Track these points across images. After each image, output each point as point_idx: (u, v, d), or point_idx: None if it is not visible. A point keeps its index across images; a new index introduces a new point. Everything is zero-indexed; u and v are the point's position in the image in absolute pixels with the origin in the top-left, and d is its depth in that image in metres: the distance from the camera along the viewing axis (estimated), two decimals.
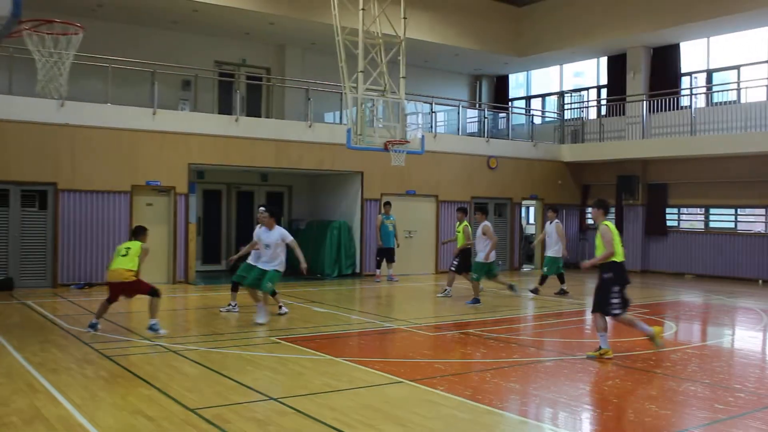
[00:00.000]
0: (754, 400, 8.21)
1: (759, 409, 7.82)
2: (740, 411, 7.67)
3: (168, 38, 22.70)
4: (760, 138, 21.26)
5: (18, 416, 7.01)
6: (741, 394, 8.37)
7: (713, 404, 7.96)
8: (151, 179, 18.61)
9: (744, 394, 8.41)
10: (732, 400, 8.10)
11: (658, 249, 24.88)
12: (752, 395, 8.39)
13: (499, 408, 7.68)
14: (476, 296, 15.83)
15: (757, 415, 7.58)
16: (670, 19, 22.92)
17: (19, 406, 7.37)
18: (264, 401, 7.69)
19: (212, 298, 16.29)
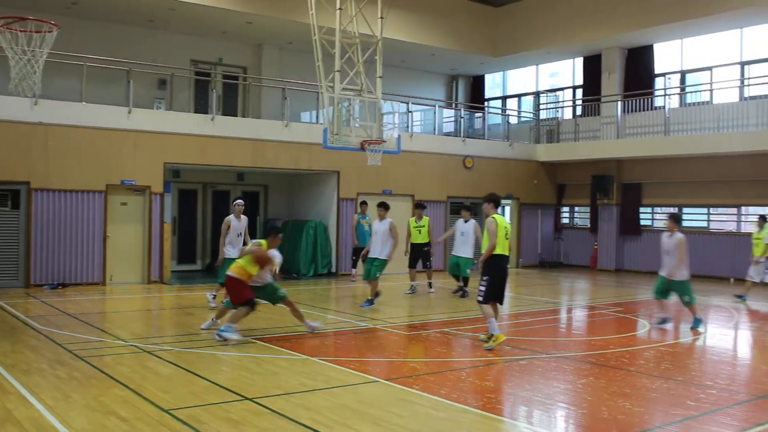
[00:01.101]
0: (726, 396, 8.31)
1: (730, 406, 7.90)
2: (712, 407, 7.74)
3: (144, 36, 22.53)
4: (732, 138, 21.46)
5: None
6: (713, 391, 8.45)
7: (686, 401, 8.00)
8: (126, 178, 18.46)
9: (716, 390, 8.50)
10: (704, 397, 8.18)
11: (632, 248, 25.04)
12: (724, 392, 8.49)
13: (474, 407, 7.67)
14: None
15: (728, 411, 7.66)
16: (644, 20, 23.04)
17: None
18: (239, 401, 7.63)
19: (187, 298, 16.19)
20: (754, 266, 17.41)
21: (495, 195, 11.37)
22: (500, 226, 10.89)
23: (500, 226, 10.89)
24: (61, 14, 19.65)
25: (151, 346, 10.42)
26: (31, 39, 11.66)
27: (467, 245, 17.23)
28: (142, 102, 19.52)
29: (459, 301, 16.45)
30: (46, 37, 11.75)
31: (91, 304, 15.21)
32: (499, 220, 10.98)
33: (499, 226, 10.86)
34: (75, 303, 14.93)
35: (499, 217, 11.06)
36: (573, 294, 19.48)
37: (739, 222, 23.17)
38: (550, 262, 26.77)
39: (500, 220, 10.99)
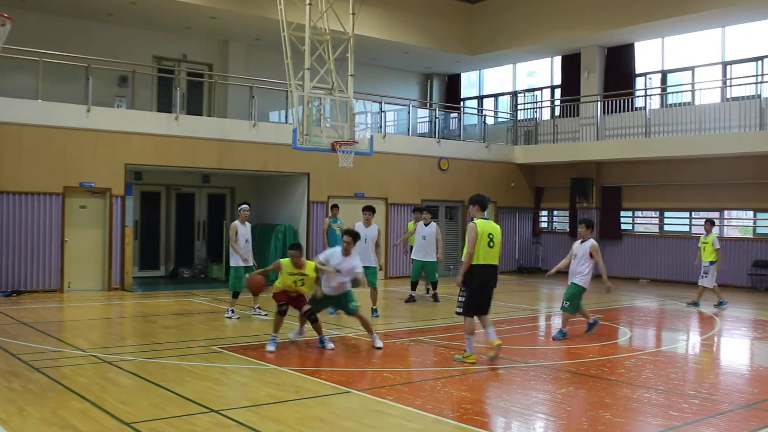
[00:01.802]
0: (709, 406, 8.23)
1: (713, 415, 7.81)
2: (695, 417, 7.67)
3: (104, 32, 22.01)
4: (714, 140, 21.26)
5: None
6: (695, 401, 8.39)
7: (668, 411, 7.90)
8: (85, 180, 17.95)
9: (698, 400, 8.44)
10: (686, 407, 8.08)
11: (612, 253, 24.72)
12: (706, 401, 8.42)
13: (449, 418, 7.55)
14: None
15: (711, 421, 7.58)
16: (624, 18, 22.80)
17: None
18: (204, 413, 7.44)
19: (150, 306, 16.04)
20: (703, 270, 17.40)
21: (479, 196, 10.40)
22: (481, 232, 9.92)
23: (481, 232, 9.92)
24: (16, 6, 19.05)
25: (112, 356, 10.23)
26: None
27: (431, 249, 16.84)
28: (101, 100, 18.99)
29: (432, 309, 16.23)
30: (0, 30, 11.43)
31: (48, 312, 14.97)
32: (481, 225, 10.00)
33: (479, 233, 9.90)
34: (31, 311, 14.70)
35: (482, 222, 10.08)
36: (552, 300, 19.30)
37: (722, 226, 22.82)
38: (528, 268, 26.45)
39: (482, 225, 10.00)
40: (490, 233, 10.02)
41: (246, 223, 14.42)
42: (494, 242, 10.05)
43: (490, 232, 10.03)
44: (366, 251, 14.66)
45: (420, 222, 17.23)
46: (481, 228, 9.96)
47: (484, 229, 9.99)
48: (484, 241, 9.95)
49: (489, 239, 10.00)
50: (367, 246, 14.74)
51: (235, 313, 14.13)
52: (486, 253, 9.98)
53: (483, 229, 9.98)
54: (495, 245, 10.06)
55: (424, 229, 16.96)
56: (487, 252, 9.99)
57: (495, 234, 10.08)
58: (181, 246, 22.52)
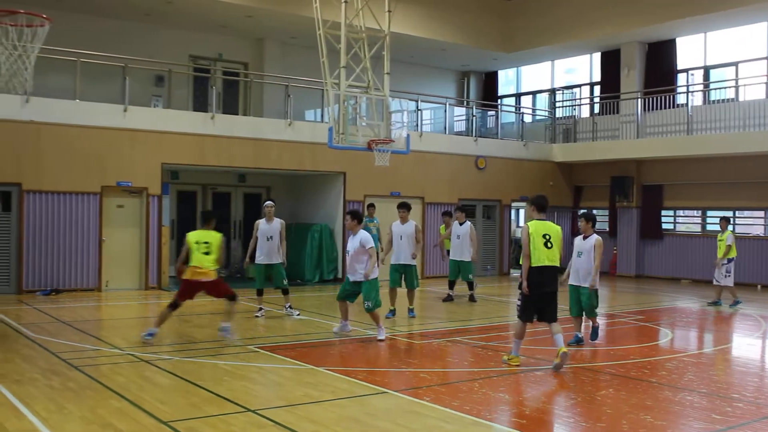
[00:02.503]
0: (753, 410, 8.07)
1: (758, 420, 7.67)
2: (738, 421, 7.53)
3: (140, 31, 22.10)
4: (759, 137, 20.84)
5: None
6: (739, 404, 8.23)
7: (710, 414, 7.82)
8: (122, 180, 18.01)
9: (742, 404, 8.28)
10: (730, 410, 7.94)
11: (653, 253, 24.36)
12: (751, 405, 8.26)
13: (487, 419, 7.49)
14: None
15: (755, 425, 7.45)
16: (665, 13, 22.40)
17: None
18: (241, 413, 7.45)
19: (186, 305, 15.61)
20: (718, 269, 17.27)
21: (536, 197, 10.19)
22: (534, 233, 9.70)
23: (534, 233, 9.70)
24: (54, 8, 19.07)
25: (149, 355, 10.24)
26: (22, 34, 11.38)
27: (466, 249, 16.68)
28: (138, 99, 19.07)
29: (469, 309, 16.09)
30: (38, 31, 11.47)
31: (86, 311, 15.10)
32: (534, 226, 9.77)
33: (531, 234, 9.69)
34: (69, 310, 14.79)
35: (536, 222, 9.83)
36: None
37: (766, 225, 22.34)
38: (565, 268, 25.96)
39: (535, 226, 9.77)
40: (546, 234, 9.75)
41: (273, 219, 14.13)
42: (552, 243, 9.74)
43: (545, 232, 9.76)
44: (403, 249, 14.46)
45: (455, 221, 17.06)
46: (533, 229, 9.75)
47: (538, 229, 9.75)
48: (539, 242, 9.70)
49: (545, 240, 9.73)
50: (403, 243, 14.48)
51: (288, 308, 14.21)
52: (542, 254, 9.71)
53: (536, 229, 9.75)
54: (553, 246, 9.75)
55: (458, 229, 16.84)
56: (544, 253, 9.71)
57: (552, 234, 9.78)
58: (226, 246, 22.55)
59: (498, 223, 24.66)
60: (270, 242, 13.91)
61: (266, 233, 13.93)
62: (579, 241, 12.08)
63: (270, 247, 13.92)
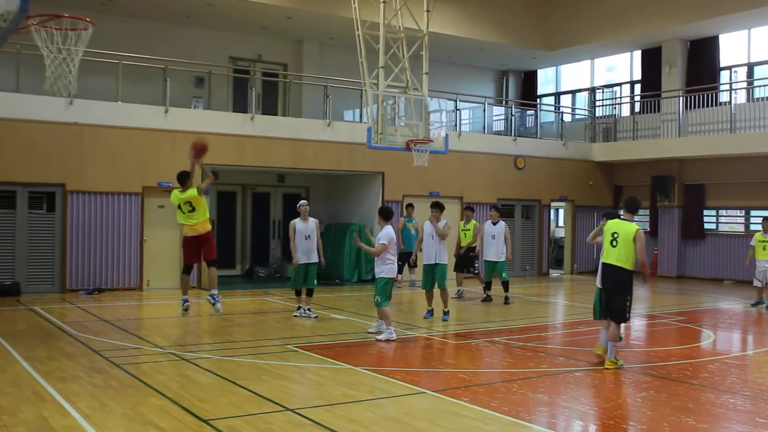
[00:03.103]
0: None
1: None
2: None
3: (180, 33, 22.25)
4: None
5: (25, 426, 6.91)
6: None
7: (754, 418, 7.70)
8: (163, 180, 18.11)
9: None
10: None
11: (695, 253, 24.02)
12: None
13: (526, 420, 7.47)
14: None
15: None
16: (708, 10, 22.07)
17: (26, 416, 7.23)
18: (280, 412, 7.50)
19: (226, 305, 15.91)
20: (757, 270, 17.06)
21: (628, 198, 10.22)
22: (606, 230, 9.90)
23: (606, 230, 9.90)
24: (96, 11, 19.33)
25: (190, 354, 10.37)
26: (66, 37, 11.45)
27: (500, 248, 16.54)
28: (179, 101, 19.23)
29: (507, 309, 15.98)
30: (82, 35, 11.53)
31: (128, 309, 15.32)
32: (609, 224, 9.93)
33: (604, 231, 9.94)
34: (111, 309, 14.98)
35: (613, 221, 9.93)
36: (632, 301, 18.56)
37: None
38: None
39: (609, 224, 9.91)
40: (614, 232, 9.79)
41: (308, 219, 14.03)
42: (617, 241, 9.71)
43: (615, 231, 9.80)
44: (434, 248, 14.10)
45: (488, 221, 16.97)
46: (607, 227, 9.93)
47: (610, 227, 9.87)
48: (607, 239, 9.85)
49: (612, 238, 9.78)
50: (434, 242, 14.06)
51: (306, 310, 14.13)
52: (607, 252, 9.85)
53: (608, 227, 9.89)
54: (618, 244, 9.71)
55: (492, 228, 16.71)
56: (608, 251, 9.82)
57: (621, 233, 9.72)
58: (256, 245, 22.67)
59: (537, 223, 24.47)
60: (308, 241, 13.87)
61: (303, 232, 13.88)
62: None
63: (309, 246, 13.88)
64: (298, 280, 14.01)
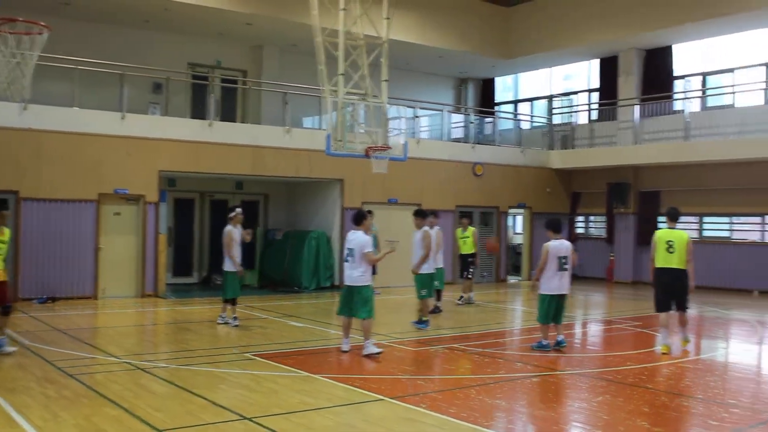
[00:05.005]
0: (749, 415, 8.14)
1: (754, 425, 7.73)
2: (734, 427, 7.59)
3: (138, 38, 22.00)
4: (756, 143, 20.83)
5: None
6: (736, 410, 8.27)
7: (707, 420, 7.85)
8: (119, 187, 17.97)
9: (739, 409, 8.33)
10: (726, 416, 7.97)
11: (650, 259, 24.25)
12: (747, 410, 8.33)
13: (484, 426, 7.43)
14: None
15: (752, 431, 7.53)
16: (663, 20, 22.41)
17: None
18: (237, 421, 7.43)
19: (183, 313, 16.04)
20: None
21: (670, 209, 11.88)
22: (658, 240, 11.51)
23: (658, 240, 11.51)
24: (52, 15, 19.09)
25: (145, 363, 10.23)
26: (20, 41, 11.44)
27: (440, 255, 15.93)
28: (136, 107, 19.03)
29: (468, 316, 16.00)
30: (37, 39, 11.52)
31: (83, 318, 15.06)
32: (659, 234, 11.61)
33: (656, 241, 11.54)
34: (65, 318, 14.73)
35: (663, 231, 11.65)
36: (588, 307, 19.05)
37: (763, 231, 22.34)
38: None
39: (660, 234, 11.60)
40: (669, 240, 11.41)
41: (238, 226, 13.81)
42: (674, 248, 11.36)
43: (669, 239, 11.42)
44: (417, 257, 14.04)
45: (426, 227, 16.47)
46: (658, 236, 11.56)
47: (662, 237, 11.50)
48: (662, 247, 11.43)
49: (668, 245, 11.40)
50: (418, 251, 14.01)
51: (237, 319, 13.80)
52: (664, 257, 11.42)
53: (660, 237, 11.52)
54: (675, 250, 11.36)
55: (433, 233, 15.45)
56: (666, 257, 11.40)
57: (676, 240, 11.37)
58: (214, 253, 22.45)
59: (495, 230, 24.59)
60: (239, 249, 13.77)
61: (239, 240, 13.74)
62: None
63: (241, 254, 13.80)
64: (237, 288, 13.80)
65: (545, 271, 11.65)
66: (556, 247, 11.64)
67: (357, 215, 11.70)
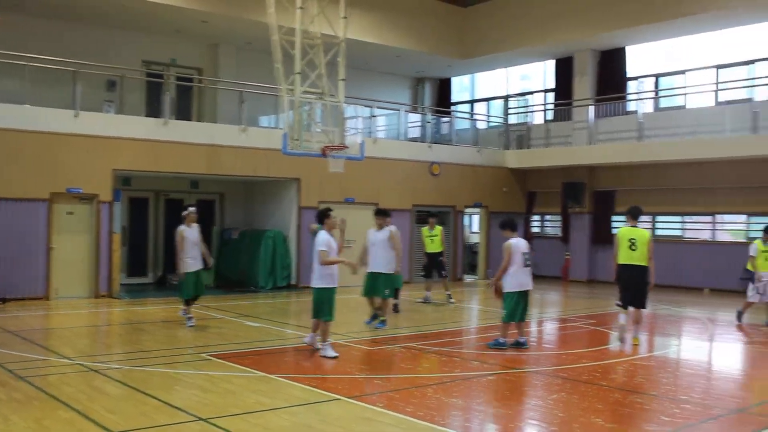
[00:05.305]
0: (700, 411, 8.25)
1: (705, 420, 7.86)
2: (686, 422, 7.70)
3: (92, 35, 21.68)
4: (708, 144, 21.12)
5: None
6: (687, 406, 8.38)
7: (659, 416, 7.96)
8: (73, 186, 17.68)
9: (690, 405, 8.43)
10: (678, 412, 8.08)
11: (605, 258, 24.48)
12: (698, 406, 8.44)
13: (441, 425, 7.46)
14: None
15: (703, 426, 7.66)
16: (616, 21, 22.66)
17: None
18: (193, 422, 7.35)
19: (138, 313, 15.81)
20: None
21: (632, 208, 12.32)
22: (621, 237, 12.01)
23: (621, 237, 12.01)
24: (4, 10, 18.76)
25: (99, 365, 10.09)
26: None
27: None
28: (89, 105, 18.66)
29: (425, 315, 16.01)
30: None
31: (34, 320, 14.81)
32: (622, 232, 12.07)
33: (619, 238, 12.05)
34: (16, 319, 14.50)
35: (625, 229, 12.12)
36: (544, 306, 19.14)
37: (714, 230, 22.71)
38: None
39: (623, 232, 12.06)
40: (631, 238, 11.92)
41: (192, 225, 13.54)
42: (636, 245, 11.86)
43: (631, 237, 11.93)
44: (378, 256, 13.84)
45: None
46: (621, 234, 12.06)
47: (624, 234, 12.00)
48: (624, 244, 11.93)
49: (630, 243, 11.90)
50: (378, 251, 13.80)
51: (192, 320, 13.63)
52: (627, 254, 11.92)
53: (623, 234, 12.02)
54: (637, 248, 11.86)
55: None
56: (628, 254, 11.91)
57: (638, 238, 11.90)
58: (169, 252, 22.22)
59: (452, 229, 24.68)
60: (196, 248, 13.54)
61: (192, 239, 13.51)
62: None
63: (197, 253, 13.57)
64: (190, 288, 13.58)
65: (510, 268, 11.60)
66: (518, 244, 11.72)
67: (318, 213, 11.63)
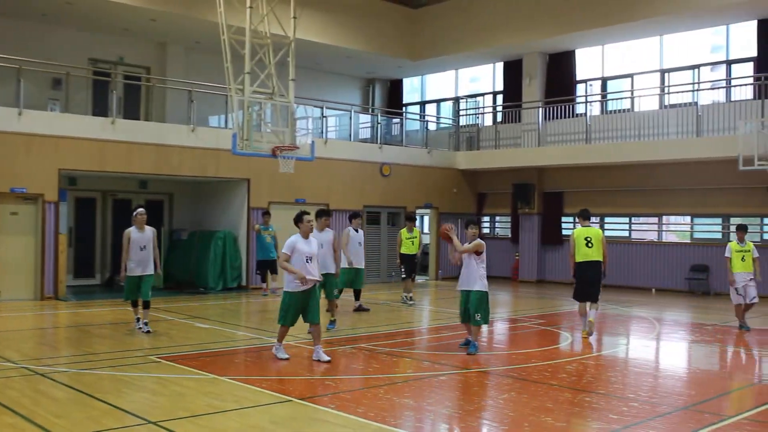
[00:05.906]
0: (648, 409, 8.30)
1: (652, 418, 7.89)
2: (634, 420, 7.76)
3: (36, 32, 21.36)
4: (653, 147, 21.51)
5: None
6: (635, 404, 8.48)
7: (607, 414, 8.03)
8: (17, 186, 17.38)
9: (638, 403, 8.53)
10: (626, 410, 8.18)
11: (553, 258, 24.87)
12: (646, 404, 8.51)
13: (392, 425, 7.46)
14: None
15: (650, 423, 7.67)
16: (565, 25, 22.95)
17: None
18: (142, 425, 7.27)
19: (85, 315, 15.58)
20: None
21: (582, 210, 13.34)
22: (577, 236, 12.81)
23: (577, 236, 12.81)
24: None
25: (45, 368, 9.94)
26: None
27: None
28: (34, 103, 18.44)
29: (376, 316, 15.99)
30: None
31: None
32: (578, 231, 12.91)
33: (575, 237, 12.85)
34: None
35: (580, 229, 12.98)
36: (494, 306, 18.91)
37: (660, 231, 23.09)
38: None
39: (579, 231, 12.92)
40: (587, 237, 12.78)
41: (145, 228, 13.14)
42: (592, 243, 12.72)
43: (587, 236, 12.80)
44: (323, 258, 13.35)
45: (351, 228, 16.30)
46: (577, 234, 12.89)
47: (580, 234, 12.84)
48: (581, 243, 12.75)
49: (587, 241, 12.74)
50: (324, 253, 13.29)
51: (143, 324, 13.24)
52: (584, 252, 12.75)
53: (579, 234, 12.85)
54: (593, 245, 12.73)
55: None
56: (586, 252, 12.74)
57: (592, 236, 12.80)
58: (116, 253, 21.86)
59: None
60: (144, 252, 13.09)
61: (139, 243, 13.05)
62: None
63: (144, 257, 13.09)
64: (130, 291, 13.21)
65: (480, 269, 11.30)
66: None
67: (295, 217, 11.27)
